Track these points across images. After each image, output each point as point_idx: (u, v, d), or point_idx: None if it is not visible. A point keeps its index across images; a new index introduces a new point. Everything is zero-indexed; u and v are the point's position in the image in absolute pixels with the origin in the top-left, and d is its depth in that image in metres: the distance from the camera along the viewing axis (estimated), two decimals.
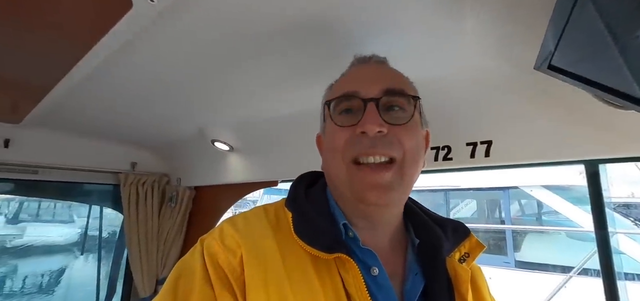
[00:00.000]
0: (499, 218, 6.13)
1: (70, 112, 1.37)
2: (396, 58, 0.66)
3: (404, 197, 0.56)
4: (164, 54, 0.89)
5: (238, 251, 0.48)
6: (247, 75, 1.01)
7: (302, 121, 1.28)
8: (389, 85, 0.54)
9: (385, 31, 0.76)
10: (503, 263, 5.17)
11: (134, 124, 1.56)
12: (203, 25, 0.76)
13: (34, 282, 2.60)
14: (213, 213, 1.93)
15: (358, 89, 0.54)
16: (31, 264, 2.77)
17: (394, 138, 0.51)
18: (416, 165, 0.54)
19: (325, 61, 0.89)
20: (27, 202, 3.36)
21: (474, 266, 0.61)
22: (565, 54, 0.55)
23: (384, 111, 0.53)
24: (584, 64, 0.52)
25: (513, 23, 0.69)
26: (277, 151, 1.50)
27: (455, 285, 0.53)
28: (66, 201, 2.19)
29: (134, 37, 0.78)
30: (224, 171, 1.74)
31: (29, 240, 3.04)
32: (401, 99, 0.55)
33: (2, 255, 2.85)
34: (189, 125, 1.54)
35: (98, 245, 2.23)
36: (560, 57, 0.56)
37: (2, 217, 3.18)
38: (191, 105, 1.31)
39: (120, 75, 1.02)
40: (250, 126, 1.44)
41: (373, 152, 0.50)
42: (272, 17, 0.72)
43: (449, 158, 1.00)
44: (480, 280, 0.61)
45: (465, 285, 0.52)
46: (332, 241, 0.50)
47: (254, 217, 0.55)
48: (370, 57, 0.63)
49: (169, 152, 1.97)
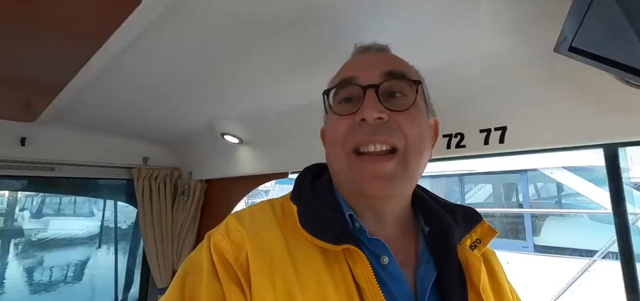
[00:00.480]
0: (516, 201, 6.00)
1: (83, 109, 1.39)
2: (404, 45, 0.63)
3: (408, 188, 0.54)
4: (172, 48, 0.89)
5: (244, 246, 0.48)
6: (254, 67, 1.00)
7: (311, 111, 1.26)
8: (388, 70, 0.52)
9: (392, 17, 0.72)
10: (521, 248, 5.06)
11: (145, 119, 1.58)
12: (210, 18, 0.75)
13: (58, 273, 2.74)
14: (225, 205, 1.96)
15: (356, 76, 0.52)
16: (55, 256, 2.91)
17: (394, 125, 0.49)
18: (420, 155, 0.52)
19: (332, 50, 0.86)
20: (49, 197, 3.50)
21: (487, 251, 0.59)
22: (587, 35, 0.52)
23: (384, 98, 0.50)
24: (607, 45, 0.50)
25: (530, 5, 0.64)
26: (286, 142, 1.50)
27: (467, 272, 0.51)
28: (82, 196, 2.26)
29: (143, 32, 0.78)
30: (234, 163, 1.75)
31: (52, 234, 3.18)
32: (402, 84, 0.52)
33: (29, 248, 3.01)
34: (198, 119, 1.55)
35: (114, 238, 2.31)
36: (582, 39, 0.53)
37: (27, 212, 3.34)
38: (200, 99, 1.31)
39: (130, 71, 1.03)
40: (259, 118, 1.43)
41: (373, 139, 0.49)
42: (278, 7, 0.70)
43: (462, 146, 0.97)
44: (496, 264, 0.59)
45: (477, 273, 0.50)
46: (339, 232, 0.48)
47: (259, 211, 0.55)
48: (371, 44, 0.61)
49: (180, 145, 1.99)
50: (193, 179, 2.03)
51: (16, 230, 3.06)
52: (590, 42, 0.52)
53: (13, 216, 3.15)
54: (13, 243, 2.76)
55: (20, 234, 3.08)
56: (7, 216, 3.08)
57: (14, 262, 2.56)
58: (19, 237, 3.01)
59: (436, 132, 0.60)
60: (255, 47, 0.88)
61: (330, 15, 0.73)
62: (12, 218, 3.12)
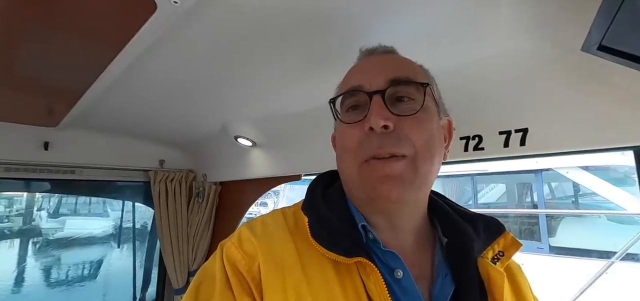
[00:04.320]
0: (531, 201, 5.87)
1: (103, 114, 1.43)
2: (419, 45, 0.62)
3: (420, 193, 0.52)
4: (187, 53, 0.91)
5: (256, 257, 0.47)
6: (266, 70, 1.01)
7: (323, 114, 1.26)
8: (394, 74, 0.51)
9: (406, 15, 0.72)
10: (536, 249, 4.95)
11: (161, 122, 1.61)
12: (223, 24, 0.76)
13: (75, 272, 2.81)
14: (239, 208, 1.97)
15: (362, 83, 0.51)
16: (72, 255, 2.99)
17: (402, 133, 0.48)
18: (431, 158, 0.50)
19: (344, 52, 0.86)
20: (65, 197, 3.59)
21: (512, 265, 0.56)
22: (618, 33, 0.50)
23: (391, 103, 0.49)
24: None
25: (553, 2, 0.63)
26: (299, 145, 1.50)
27: (488, 288, 0.48)
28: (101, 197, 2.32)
29: (159, 38, 0.80)
30: (247, 166, 1.77)
31: (69, 233, 3.27)
32: (409, 88, 0.51)
33: (47, 247, 3.10)
34: (212, 122, 1.56)
35: (132, 238, 2.35)
36: (613, 37, 0.51)
37: (45, 212, 3.43)
38: (214, 102, 1.32)
39: (147, 76, 1.06)
40: (272, 121, 1.44)
41: (382, 152, 0.47)
42: (290, 10, 0.71)
43: (480, 148, 0.95)
44: (521, 278, 0.57)
45: (500, 289, 0.48)
46: (351, 244, 0.47)
47: (272, 221, 0.54)
48: (376, 47, 0.59)
49: (195, 148, 2.02)
50: (207, 181, 2.06)
51: (34, 230, 3.15)
52: (622, 40, 0.51)
53: (31, 216, 3.24)
54: (31, 242, 2.84)
55: (38, 233, 3.17)
56: (26, 216, 3.18)
57: (32, 260, 2.64)
58: (37, 236, 3.10)
59: (450, 132, 0.58)
60: (267, 51, 0.89)
61: (342, 17, 0.72)
62: (30, 217, 3.22)
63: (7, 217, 2.96)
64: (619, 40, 0.51)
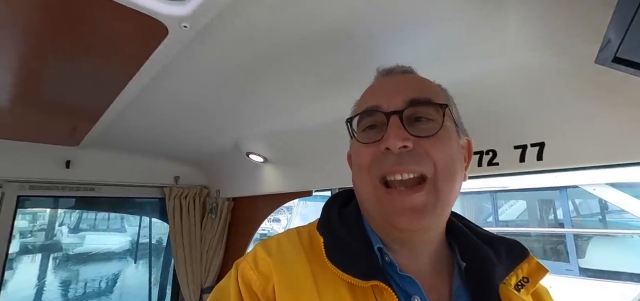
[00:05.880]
0: (554, 219, 5.60)
1: (120, 133, 1.49)
2: (430, 61, 0.62)
3: (441, 217, 0.50)
4: (199, 74, 0.94)
5: (271, 277, 0.47)
6: (276, 88, 1.02)
7: (333, 130, 1.26)
8: (412, 95, 0.50)
9: (415, 32, 0.72)
10: (565, 271, 4.68)
11: (176, 140, 1.65)
12: (233, 46, 0.79)
13: (93, 286, 2.86)
14: (251, 223, 1.98)
15: (379, 103, 0.51)
16: (90, 270, 3.05)
17: (421, 151, 0.47)
18: (452, 179, 0.48)
19: (355, 69, 0.87)
20: (85, 213, 3.70)
21: (539, 289, 0.53)
22: (633, 45, 0.48)
23: (409, 123, 0.48)
24: None
25: (564, 13, 0.61)
26: (310, 161, 1.50)
27: None
28: (119, 213, 2.39)
29: (172, 60, 0.83)
30: (259, 182, 1.78)
31: (88, 248, 3.35)
32: (428, 109, 0.50)
33: (67, 262, 3.18)
34: (225, 139, 1.59)
35: (149, 253, 2.39)
36: (628, 49, 0.49)
37: (66, 228, 3.55)
38: (226, 120, 1.35)
39: (161, 96, 1.10)
40: (283, 137, 1.45)
41: (400, 169, 0.46)
42: (300, 31, 0.72)
43: (495, 163, 0.92)
44: None
45: None
46: (367, 267, 0.46)
47: (287, 240, 0.54)
48: (394, 67, 0.59)
49: (208, 165, 2.06)
50: (221, 197, 2.08)
51: (56, 245, 3.25)
52: (638, 52, 0.49)
53: (53, 231, 3.35)
54: (52, 257, 2.92)
55: (59, 248, 3.27)
56: (48, 231, 3.29)
57: (52, 275, 2.71)
58: (58, 251, 3.19)
59: (469, 152, 0.57)
60: (278, 71, 0.90)
61: (353, 34, 0.73)
62: (52, 233, 3.33)
63: (30, 232, 3.08)
64: (634, 52, 0.49)
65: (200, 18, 0.65)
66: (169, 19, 0.63)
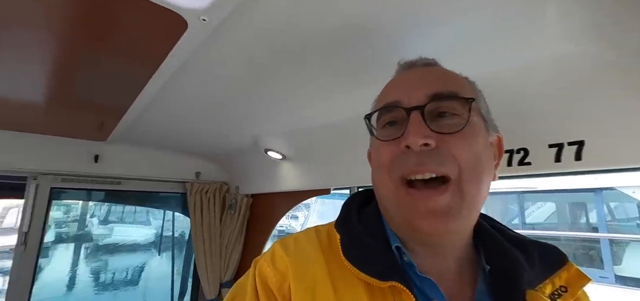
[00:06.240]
0: (586, 223, 5.29)
1: (144, 129, 1.53)
2: (455, 53, 0.58)
3: (467, 221, 0.47)
4: (218, 70, 0.94)
5: (288, 275, 0.47)
6: (295, 84, 1.01)
7: (352, 127, 1.24)
8: (436, 89, 0.46)
9: (441, 22, 0.68)
10: (599, 278, 4.42)
11: (196, 136, 1.68)
12: (252, 40, 0.78)
13: (120, 276, 3.00)
14: (269, 220, 1.99)
15: (400, 98, 0.48)
16: (118, 259, 3.20)
17: (445, 150, 0.43)
18: (479, 179, 0.45)
19: (374, 63, 0.84)
20: (113, 206, 3.88)
21: (582, 298, 0.49)
22: None
23: (432, 119, 0.45)
24: None
25: (612, 2, 0.56)
26: (328, 158, 1.48)
27: None
28: (144, 206, 2.49)
29: (192, 55, 0.83)
30: (278, 179, 1.78)
31: (116, 239, 3.52)
32: (452, 103, 0.46)
33: (97, 252, 3.35)
34: (244, 136, 1.61)
35: (172, 246, 2.46)
36: None
37: (96, 219, 3.74)
38: (245, 117, 1.36)
39: (182, 93, 1.11)
40: (301, 135, 1.44)
41: (421, 169, 0.43)
42: (317, 24, 0.70)
43: (527, 163, 0.86)
44: None
45: None
46: (386, 266, 0.44)
47: (305, 239, 0.53)
48: (416, 60, 0.55)
49: (228, 161, 2.08)
50: (240, 193, 2.10)
51: (87, 235, 3.44)
52: None
53: (85, 222, 3.55)
54: (84, 247, 3.08)
55: (90, 238, 3.46)
56: (80, 222, 3.48)
57: (83, 263, 2.87)
58: (88, 241, 3.37)
59: (500, 150, 0.53)
60: (296, 66, 0.89)
61: (374, 27, 0.70)
62: (84, 224, 3.52)
63: (64, 222, 3.26)
64: None
65: (219, 11, 0.64)
66: (189, 12, 0.63)
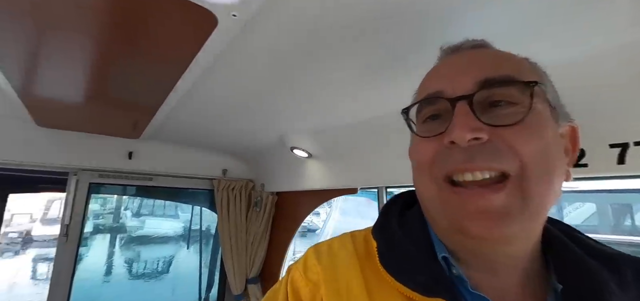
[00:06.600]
0: (631, 225, 4.89)
1: (174, 127, 1.56)
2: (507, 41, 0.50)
3: (531, 226, 0.38)
4: (245, 67, 0.93)
5: (320, 285, 0.43)
6: (323, 81, 0.98)
7: (381, 125, 1.19)
8: (486, 73, 0.39)
9: (490, 3, 0.61)
10: None
11: (224, 134, 1.69)
12: (280, 35, 0.75)
13: (151, 266, 3.15)
14: (294, 218, 1.98)
15: (443, 88, 0.41)
16: (150, 251, 3.36)
17: (501, 144, 0.36)
18: (548, 178, 0.36)
19: (410, 53, 0.77)
20: (145, 200, 4.07)
21: None
22: None
23: (483, 109, 0.38)
24: None
25: None
26: (355, 157, 1.44)
27: None
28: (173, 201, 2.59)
29: (221, 53, 0.82)
30: (303, 177, 1.76)
31: (147, 231, 3.70)
32: (509, 90, 0.38)
33: (130, 243, 3.53)
34: (270, 134, 1.60)
35: (199, 240, 2.53)
36: None
37: (129, 212, 3.94)
38: (271, 115, 1.34)
39: (210, 91, 1.11)
40: (328, 133, 1.41)
41: (471, 167, 0.36)
42: (349, 11, 0.65)
43: (583, 165, 0.78)
44: None
45: None
46: (430, 279, 0.38)
47: (340, 246, 0.49)
48: (462, 43, 0.47)
49: (254, 159, 2.10)
50: (265, 191, 2.11)
51: (121, 227, 3.64)
52: None
53: (119, 215, 3.76)
54: (119, 237, 3.26)
55: (124, 230, 3.65)
56: (115, 214, 3.69)
57: (118, 253, 3.04)
58: (123, 232, 3.56)
59: (574, 142, 0.43)
60: (324, 60, 0.85)
61: (410, 10, 0.64)
62: (118, 216, 3.73)
63: (101, 214, 3.46)
64: None
65: (249, 6, 0.62)
66: (219, 8, 0.62)
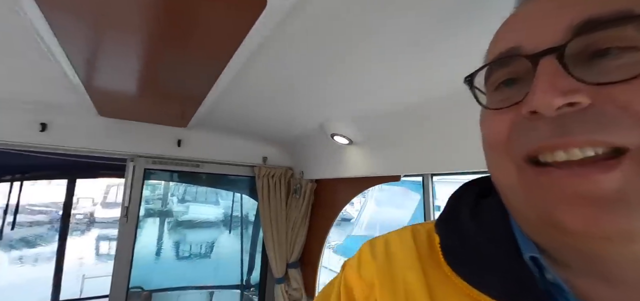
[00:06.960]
0: None
1: (218, 115, 1.62)
2: None
3: None
4: (288, 53, 0.92)
5: (374, 284, 0.40)
6: (367, 64, 0.93)
7: (427, 110, 1.14)
8: (589, 11, 0.27)
9: None
10: None
11: (265, 122, 1.73)
12: (326, 16, 0.72)
13: (196, 249, 3.36)
14: (333, 206, 1.99)
15: (520, 42, 0.30)
16: (194, 234, 3.58)
17: (611, 108, 0.25)
18: None
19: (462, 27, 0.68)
20: (189, 186, 4.32)
21: None
22: None
23: (581, 64, 0.27)
24: None
25: None
26: (399, 144, 1.40)
27: None
28: (217, 188, 2.72)
29: (265, 39, 0.82)
30: (343, 164, 1.75)
31: (192, 216, 3.93)
32: (620, 31, 0.26)
33: (177, 227, 3.79)
34: (310, 121, 1.60)
35: (240, 225, 2.65)
36: None
37: (175, 198, 4.21)
38: (312, 101, 1.35)
39: (253, 79, 1.13)
40: (370, 118, 1.38)
41: (563, 143, 0.26)
42: None
43: None
44: None
45: None
46: (510, 283, 0.31)
47: (397, 240, 0.43)
48: None
49: (293, 146, 2.13)
50: (304, 178, 2.14)
51: (169, 212, 3.91)
52: None
53: (167, 200, 4.03)
54: (167, 222, 3.51)
55: (171, 214, 3.92)
56: (164, 200, 3.96)
57: (166, 236, 3.28)
58: (170, 217, 3.83)
59: None
60: (370, 39, 0.79)
61: None
62: (166, 201, 4.00)
63: (151, 199, 3.74)
64: None
65: None
66: None
